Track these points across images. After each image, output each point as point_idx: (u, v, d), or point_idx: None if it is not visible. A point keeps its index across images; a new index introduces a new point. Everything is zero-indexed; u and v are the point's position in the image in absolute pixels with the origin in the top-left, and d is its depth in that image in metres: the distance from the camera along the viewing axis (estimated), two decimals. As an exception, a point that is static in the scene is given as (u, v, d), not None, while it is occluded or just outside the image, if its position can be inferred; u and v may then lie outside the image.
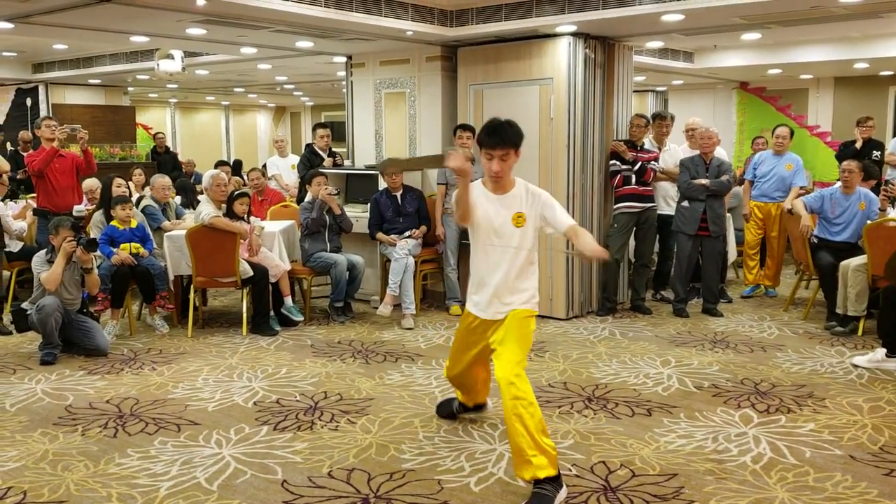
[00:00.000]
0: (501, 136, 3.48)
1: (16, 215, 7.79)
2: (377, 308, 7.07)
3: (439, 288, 7.73)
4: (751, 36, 8.69)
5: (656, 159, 7.33)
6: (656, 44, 8.88)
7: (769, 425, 4.41)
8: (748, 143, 11.28)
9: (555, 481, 3.42)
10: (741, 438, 4.22)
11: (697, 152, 7.18)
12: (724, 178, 6.98)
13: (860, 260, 6.35)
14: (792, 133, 7.92)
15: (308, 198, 7.14)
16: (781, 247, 7.88)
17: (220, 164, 10.18)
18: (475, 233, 3.67)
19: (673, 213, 7.29)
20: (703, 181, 6.91)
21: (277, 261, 6.78)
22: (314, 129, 8.51)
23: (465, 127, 7.16)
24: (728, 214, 7.45)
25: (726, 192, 7.13)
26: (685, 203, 7.04)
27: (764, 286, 8.05)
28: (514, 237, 3.61)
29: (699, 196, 6.93)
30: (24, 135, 10.96)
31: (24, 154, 9.94)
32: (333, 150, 8.41)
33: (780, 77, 12.24)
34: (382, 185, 7.32)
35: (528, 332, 3.66)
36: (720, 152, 7.38)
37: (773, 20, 6.77)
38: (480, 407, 4.50)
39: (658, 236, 7.59)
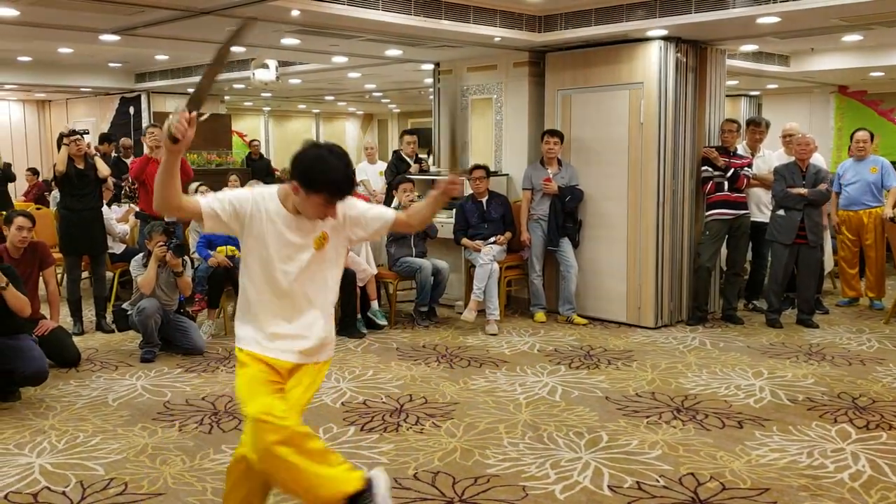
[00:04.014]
0: None
1: (119, 219, 8.16)
2: (461, 313, 7.09)
3: (524, 294, 7.71)
4: (851, 38, 8.38)
5: (749, 165, 7.14)
6: (750, 47, 8.65)
7: (868, 442, 4.24)
8: (846, 149, 10.89)
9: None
10: (838, 454, 4.07)
11: (793, 158, 6.96)
12: (823, 186, 6.74)
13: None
14: (873, 136, 7.64)
15: (394, 203, 7.24)
16: (880, 255, 7.56)
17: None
18: None
19: (766, 220, 7.08)
20: (801, 190, 6.68)
21: (365, 265, 6.89)
22: (401, 135, 8.64)
23: (553, 132, 7.14)
24: (825, 223, 7.20)
25: (824, 202, 6.88)
26: (781, 212, 6.81)
27: (869, 298, 7.75)
28: None
29: (796, 205, 6.71)
30: (125, 141, 11.41)
31: (127, 160, 10.38)
32: (420, 156, 8.50)
33: (883, 80, 11.73)
34: (468, 190, 7.35)
35: None
36: (817, 159, 7.13)
37: (875, 21, 6.50)
38: None
39: (751, 244, 7.38)
